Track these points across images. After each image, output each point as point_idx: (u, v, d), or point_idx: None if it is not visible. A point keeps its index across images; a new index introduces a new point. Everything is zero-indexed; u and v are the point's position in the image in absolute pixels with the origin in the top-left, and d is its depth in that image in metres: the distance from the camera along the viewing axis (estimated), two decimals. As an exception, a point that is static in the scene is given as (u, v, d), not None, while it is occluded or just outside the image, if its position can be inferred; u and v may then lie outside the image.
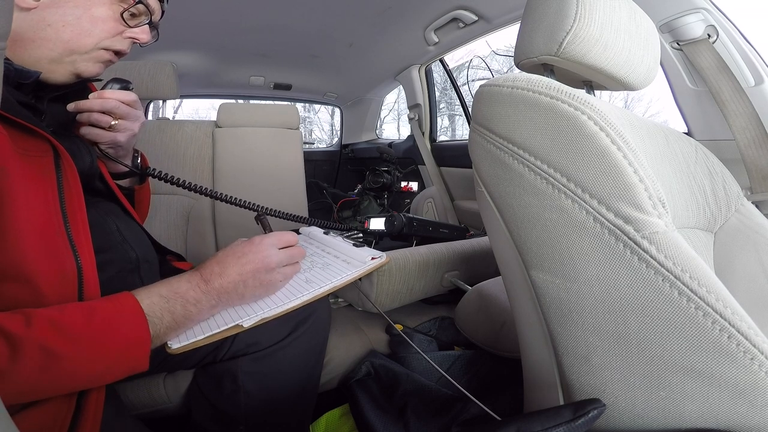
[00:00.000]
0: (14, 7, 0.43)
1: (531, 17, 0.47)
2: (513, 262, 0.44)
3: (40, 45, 0.45)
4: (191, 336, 0.43)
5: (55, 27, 0.45)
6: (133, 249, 0.54)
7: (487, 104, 0.42)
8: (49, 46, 0.45)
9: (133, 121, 0.56)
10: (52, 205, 0.41)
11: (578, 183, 0.35)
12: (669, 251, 0.32)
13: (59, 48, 0.46)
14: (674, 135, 0.55)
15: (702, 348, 0.31)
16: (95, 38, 0.48)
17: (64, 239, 0.41)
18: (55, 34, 0.45)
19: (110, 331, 0.38)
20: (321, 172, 2.75)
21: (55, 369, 0.35)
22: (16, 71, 0.44)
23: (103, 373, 0.38)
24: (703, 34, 0.74)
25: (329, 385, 0.78)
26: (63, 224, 0.41)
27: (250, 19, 1.41)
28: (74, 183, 0.44)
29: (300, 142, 1.41)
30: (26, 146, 0.40)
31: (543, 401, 0.46)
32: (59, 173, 0.42)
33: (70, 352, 0.35)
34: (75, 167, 0.44)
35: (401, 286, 0.77)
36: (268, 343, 0.58)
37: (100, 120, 0.52)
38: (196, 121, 1.31)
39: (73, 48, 0.47)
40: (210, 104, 4.58)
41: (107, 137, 0.53)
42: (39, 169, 0.41)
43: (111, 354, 0.38)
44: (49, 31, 0.45)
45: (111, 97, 0.52)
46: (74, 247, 0.41)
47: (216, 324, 0.45)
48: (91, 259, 0.43)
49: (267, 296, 0.50)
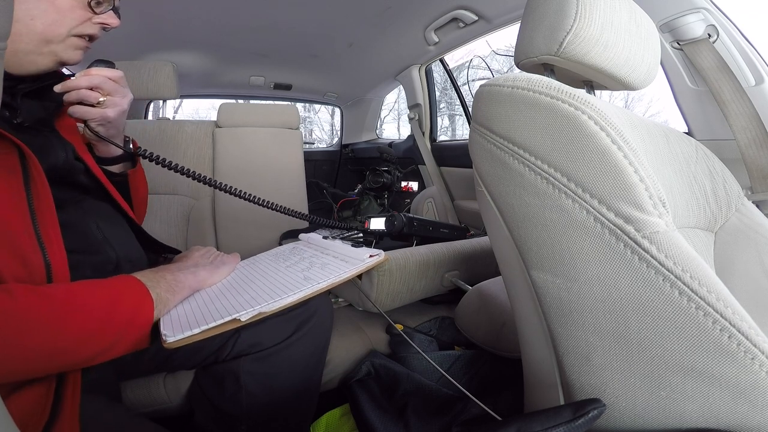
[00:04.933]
0: None
1: (531, 17, 0.47)
2: (513, 262, 0.44)
3: (13, 40, 0.45)
4: (187, 329, 0.43)
5: (24, 21, 0.46)
6: (114, 249, 0.54)
7: (487, 104, 0.42)
8: (23, 40, 0.46)
9: (122, 98, 0.57)
10: (18, 204, 0.41)
11: (579, 183, 0.35)
12: (669, 251, 0.31)
13: (34, 40, 0.47)
14: (675, 135, 0.55)
15: (703, 348, 0.31)
16: (66, 26, 0.49)
17: (32, 237, 0.41)
18: (26, 27, 0.46)
19: (117, 297, 0.42)
20: (321, 172, 2.75)
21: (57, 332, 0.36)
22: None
23: (112, 339, 0.41)
24: (704, 33, 0.74)
25: (330, 384, 0.78)
26: (31, 222, 0.42)
27: (250, 19, 1.41)
28: (41, 181, 0.44)
29: (300, 142, 1.41)
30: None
31: (543, 401, 0.46)
32: (25, 172, 0.43)
33: (77, 318, 0.38)
34: (39, 165, 0.44)
35: (401, 286, 0.77)
36: (271, 343, 0.58)
37: (89, 96, 0.53)
38: (196, 121, 1.31)
39: (48, 38, 0.48)
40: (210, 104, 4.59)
41: (96, 113, 0.55)
42: (4, 167, 0.41)
43: (120, 316, 0.41)
44: (19, 26, 0.45)
45: (97, 73, 0.54)
46: (43, 245, 0.42)
47: (212, 317, 0.45)
48: (61, 258, 0.43)
49: (228, 270, 0.61)
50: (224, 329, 0.45)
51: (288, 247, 0.79)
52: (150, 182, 0.74)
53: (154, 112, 2.03)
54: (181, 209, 1.18)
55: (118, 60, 0.65)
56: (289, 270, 0.61)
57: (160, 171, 0.65)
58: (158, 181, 1.15)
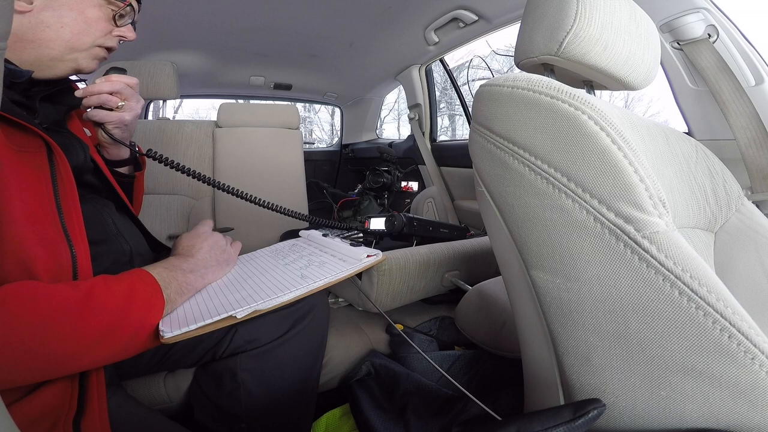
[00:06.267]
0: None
1: (531, 17, 0.47)
2: (513, 262, 0.44)
3: (40, 45, 0.48)
4: (184, 326, 0.44)
5: (54, 28, 0.48)
6: (128, 242, 0.57)
7: (487, 104, 0.42)
8: (50, 46, 0.49)
9: (136, 102, 0.62)
10: (46, 198, 0.43)
11: (579, 183, 0.35)
12: (669, 251, 0.31)
13: (61, 47, 0.50)
14: (674, 135, 0.55)
15: (702, 348, 0.31)
16: (92, 37, 0.52)
17: (59, 230, 0.43)
18: (55, 34, 0.49)
19: (130, 295, 0.42)
20: (321, 172, 2.75)
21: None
22: (9, 71, 0.46)
23: (125, 339, 0.42)
24: (704, 33, 0.74)
25: (329, 384, 0.78)
26: (58, 216, 0.44)
27: (250, 19, 1.41)
28: (67, 177, 0.46)
29: (300, 142, 1.41)
30: (20, 142, 0.42)
31: (543, 401, 0.46)
32: (53, 168, 0.45)
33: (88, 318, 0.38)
34: (67, 162, 0.46)
35: (401, 285, 0.77)
36: (267, 340, 0.58)
37: (110, 100, 0.57)
38: (196, 121, 1.31)
39: (73, 46, 0.51)
40: (210, 104, 4.58)
41: (115, 117, 0.58)
42: (33, 164, 0.43)
43: (134, 315, 0.42)
44: (49, 32, 0.48)
45: (118, 80, 0.58)
46: (69, 237, 0.44)
47: (209, 314, 0.46)
48: (85, 250, 0.45)
49: (230, 269, 0.61)
50: (220, 326, 0.46)
51: (287, 243, 0.80)
52: (150, 182, 0.75)
53: (154, 112, 2.03)
54: (181, 209, 1.18)
55: (119, 60, 0.66)
56: (286, 267, 0.62)
57: (160, 171, 0.66)
58: (158, 180, 1.15)
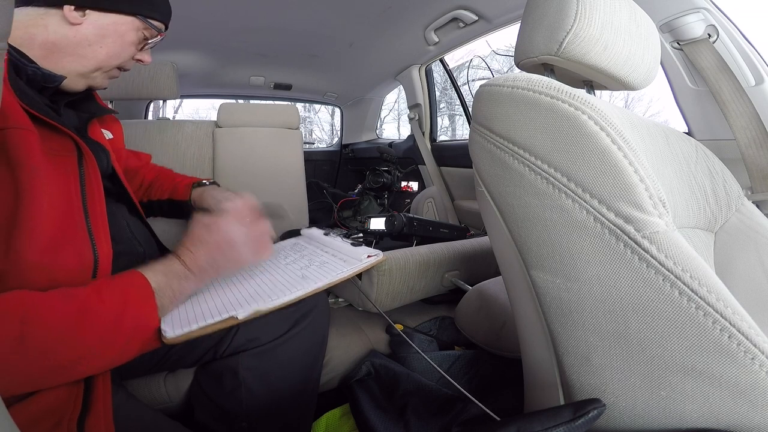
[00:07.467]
0: (61, 19, 0.47)
1: (531, 17, 0.47)
2: (513, 262, 0.44)
3: (76, 60, 0.49)
4: (186, 325, 0.44)
5: (94, 48, 0.49)
6: (141, 244, 0.58)
7: (487, 104, 0.42)
8: (83, 63, 0.50)
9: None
10: (74, 201, 0.44)
11: (579, 183, 0.35)
12: (669, 251, 0.31)
13: (92, 65, 0.51)
14: (674, 135, 0.55)
15: (702, 348, 0.31)
16: (121, 59, 0.54)
17: (84, 232, 0.44)
18: (93, 53, 0.50)
19: (123, 306, 0.41)
20: (321, 172, 2.75)
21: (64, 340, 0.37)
22: (44, 75, 0.47)
23: (122, 345, 0.41)
24: (704, 33, 0.74)
25: (330, 384, 0.78)
26: (84, 219, 0.44)
27: (250, 19, 1.41)
28: (96, 181, 0.47)
29: (300, 142, 1.41)
30: (52, 145, 0.43)
31: (543, 401, 0.46)
32: (82, 171, 0.46)
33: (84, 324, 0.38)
34: (97, 166, 0.47)
35: (401, 285, 0.77)
36: (268, 339, 0.58)
37: None
38: (196, 121, 1.31)
39: (101, 66, 0.52)
40: (210, 104, 4.58)
41: None
42: (64, 167, 0.44)
43: (127, 321, 0.41)
44: (89, 50, 0.49)
45: None
46: (93, 240, 0.45)
47: (210, 314, 0.46)
48: (107, 251, 0.46)
49: (240, 270, 0.56)
50: (222, 326, 0.46)
51: (289, 242, 0.80)
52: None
53: (154, 112, 2.03)
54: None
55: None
56: (287, 267, 0.62)
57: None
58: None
